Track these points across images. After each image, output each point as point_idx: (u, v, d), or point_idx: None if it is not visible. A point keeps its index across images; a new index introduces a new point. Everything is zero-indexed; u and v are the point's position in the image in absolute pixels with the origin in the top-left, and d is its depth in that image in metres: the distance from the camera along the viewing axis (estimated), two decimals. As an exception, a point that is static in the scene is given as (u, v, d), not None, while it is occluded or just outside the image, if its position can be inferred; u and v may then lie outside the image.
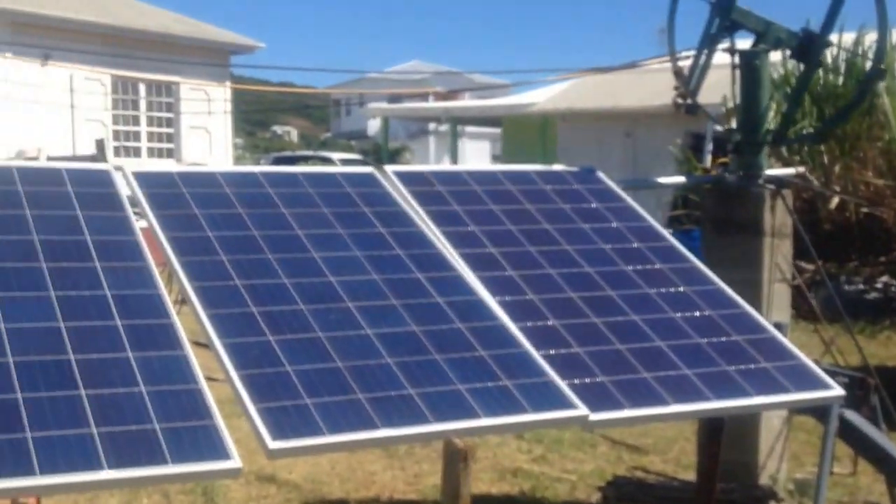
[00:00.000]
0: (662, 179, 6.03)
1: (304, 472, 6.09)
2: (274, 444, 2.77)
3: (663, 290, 3.83)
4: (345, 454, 6.13)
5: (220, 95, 23.40)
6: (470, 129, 32.71)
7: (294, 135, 60.26)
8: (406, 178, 4.17)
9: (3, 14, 18.53)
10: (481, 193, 4.20)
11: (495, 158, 32.91)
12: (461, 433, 3.21)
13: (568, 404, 3.14)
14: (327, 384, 3.00)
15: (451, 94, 29.35)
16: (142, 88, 22.11)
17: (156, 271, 3.35)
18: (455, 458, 4.17)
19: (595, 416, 3.13)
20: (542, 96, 23.81)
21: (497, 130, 28.35)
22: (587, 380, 3.27)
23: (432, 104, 28.87)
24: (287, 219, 3.76)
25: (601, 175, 4.57)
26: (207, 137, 23.25)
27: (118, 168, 3.89)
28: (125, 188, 3.77)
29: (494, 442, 6.59)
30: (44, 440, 2.62)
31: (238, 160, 28.25)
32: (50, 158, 13.52)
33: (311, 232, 3.71)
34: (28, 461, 2.55)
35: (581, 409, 3.13)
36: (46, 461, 2.56)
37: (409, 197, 4.04)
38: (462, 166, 4.67)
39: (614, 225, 4.20)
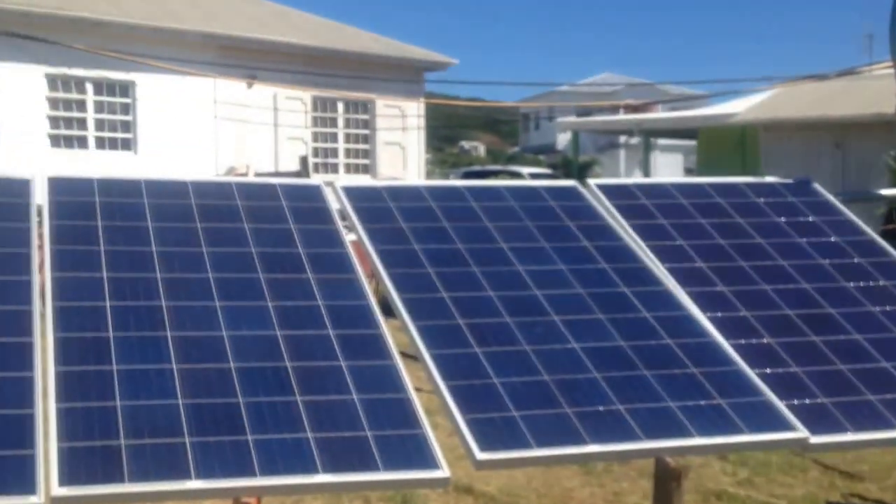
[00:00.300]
0: (884, 191, 5.75)
1: (500, 484, 6.10)
2: (482, 456, 2.78)
3: (888, 308, 3.64)
4: (541, 468, 6.10)
5: (414, 111, 23.89)
6: (662, 141, 32.17)
7: (481, 150, 60.86)
8: (610, 191, 4.13)
9: (212, 38, 19.51)
10: (688, 206, 4.11)
11: (688, 171, 32.23)
12: (673, 452, 3.13)
13: (786, 426, 3.02)
14: (534, 397, 3.00)
15: (642, 107, 28.97)
16: (340, 106, 22.81)
17: (365, 283, 3.43)
18: (667, 478, 4.08)
19: (816, 440, 3.00)
20: (740, 107, 23.18)
21: (690, 143, 27.76)
22: (806, 401, 3.14)
23: (624, 117, 28.55)
24: (491, 232, 3.78)
25: (817, 186, 4.38)
26: (401, 153, 23.76)
27: (328, 183, 4.02)
28: (335, 202, 3.88)
29: (696, 462, 6.43)
30: (263, 443, 2.72)
31: (428, 175, 28.73)
32: (258, 175, 14.11)
33: (514, 245, 3.72)
34: (249, 462, 2.65)
35: (801, 432, 3.00)
36: (266, 463, 2.66)
37: (614, 210, 4.00)
38: (668, 178, 4.56)
39: (833, 239, 4.03)
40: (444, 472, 2.73)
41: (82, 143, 18.01)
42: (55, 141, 17.55)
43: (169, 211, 3.59)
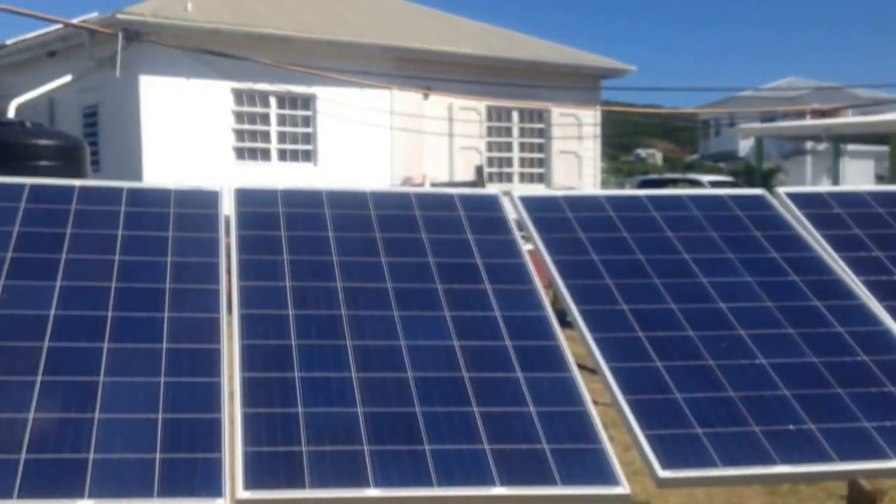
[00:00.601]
0: None
1: (679, 501, 5.94)
2: (664, 473, 2.70)
3: None
4: (723, 486, 5.90)
5: (590, 119, 23.69)
6: (851, 147, 30.83)
7: (658, 157, 59.80)
8: (800, 199, 3.95)
9: (389, 50, 19.88)
10: (885, 215, 3.89)
11: (880, 178, 30.76)
12: (868, 474, 2.96)
13: None
14: (719, 414, 2.89)
15: (831, 111, 27.82)
16: (514, 115, 22.85)
17: (543, 293, 3.39)
18: (861, 501, 3.87)
19: None
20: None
21: (882, 148, 26.49)
22: None
23: (811, 122, 27.50)
24: (673, 242, 3.68)
25: None
26: (577, 162, 23.60)
27: (505, 193, 4.00)
28: (512, 212, 3.85)
29: (889, 484, 6.09)
30: (440, 453, 2.71)
31: (603, 184, 28.43)
32: (434, 185, 14.28)
33: (698, 256, 3.61)
34: (426, 472, 2.65)
35: None
36: (442, 473, 2.65)
37: (804, 219, 3.82)
38: (861, 186, 4.33)
39: None
40: (623, 488, 2.66)
41: (265, 155, 18.65)
42: (240, 153, 18.23)
43: (349, 221, 3.65)
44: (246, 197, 3.69)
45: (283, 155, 18.98)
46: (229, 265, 3.31)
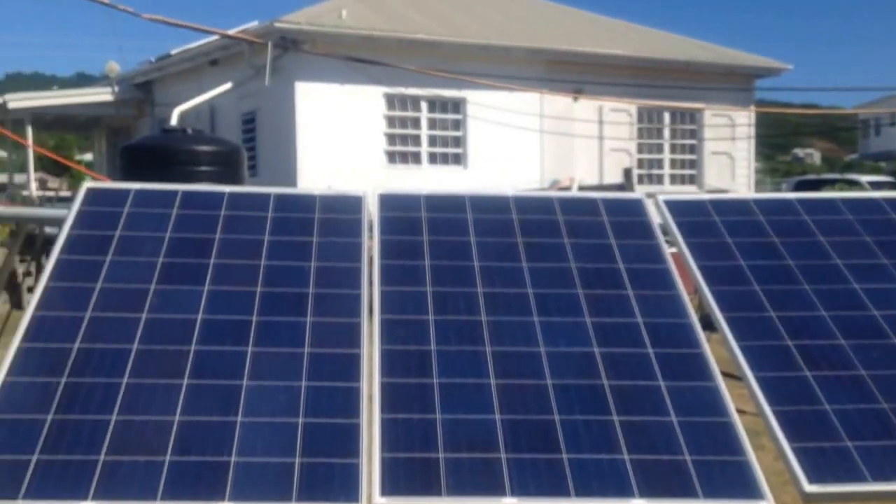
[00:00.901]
0: None
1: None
2: (810, 488, 2.59)
3: None
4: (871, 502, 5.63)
5: (744, 120, 23.07)
6: None
7: (816, 157, 57.71)
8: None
9: (538, 53, 19.83)
10: None
11: None
12: None
13: None
14: (871, 426, 2.75)
15: None
16: (666, 117, 22.46)
17: (687, 300, 3.30)
18: None
19: None
20: None
21: None
22: None
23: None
24: (824, 247, 3.53)
25: None
26: (730, 163, 23.02)
27: (650, 195, 3.92)
28: (656, 216, 3.77)
29: None
30: (578, 462, 2.67)
31: (757, 185, 27.63)
32: (582, 188, 14.16)
33: (851, 262, 3.45)
34: (564, 482, 2.61)
35: None
36: (581, 483, 2.61)
37: (968, 223, 3.61)
38: None
39: None
40: (768, 502, 2.56)
41: (416, 158, 18.87)
42: (391, 157, 18.51)
43: (491, 226, 3.64)
44: (389, 202, 3.72)
45: (433, 158, 19.16)
46: (371, 270, 3.35)
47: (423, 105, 18.89)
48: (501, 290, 3.32)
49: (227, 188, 3.74)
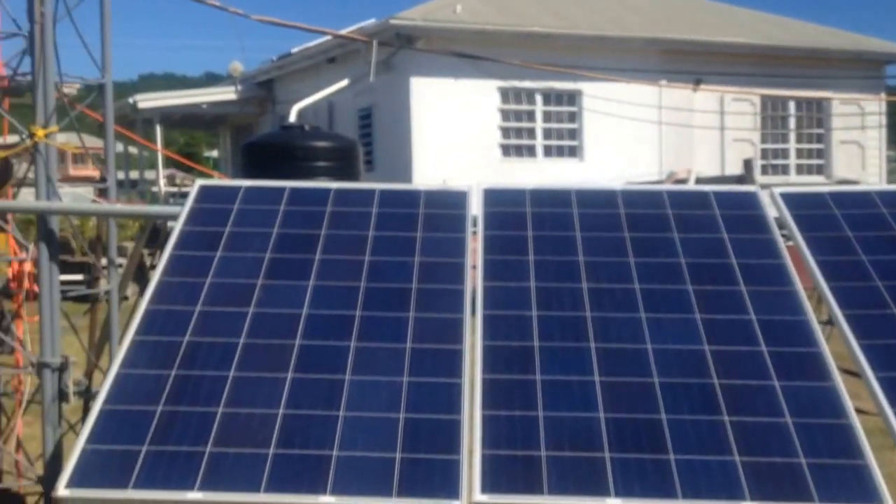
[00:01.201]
0: None
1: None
2: (936, 496, 2.46)
3: None
4: None
5: (874, 108, 22.24)
6: None
7: (957, 146, 55.28)
8: None
9: (656, 43, 19.47)
10: None
11: None
12: None
13: None
14: None
15: None
16: (791, 105, 21.82)
17: (804, 296, 3.18)
18: None
19: None
20: None
21: None
22: None
23: None
24: (953, 241, 3.35)
25: None
26: (860, 152, 22.24)
27: (765, 186, 3.79)
28: (772, 210, 3.64)
29: None
30: (686, 463, 2.59)
31: (890, 175, 26.60)
32: (699, 180, 13.88)
33: (982, 256, 3.27)
34: (671, 484, 2.54)
35: None
36: (689, 485, 2.53)
37: None
38: None
39: None
40: (887, 509, 2.44)
41: (531, 151, 18.74)
42: (505, 151, 18.41)
43: (597, 220, 3.57)
44: (494, 197, 3.68)
45: (548, 151, 19.01)
46: (475, 265, 3.32)
47: (538, 98, 18.75)
48: (608, 286, 3.25)
49: (334, 184, 3.76)
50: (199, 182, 3.71)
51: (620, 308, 3.15)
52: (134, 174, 24.42)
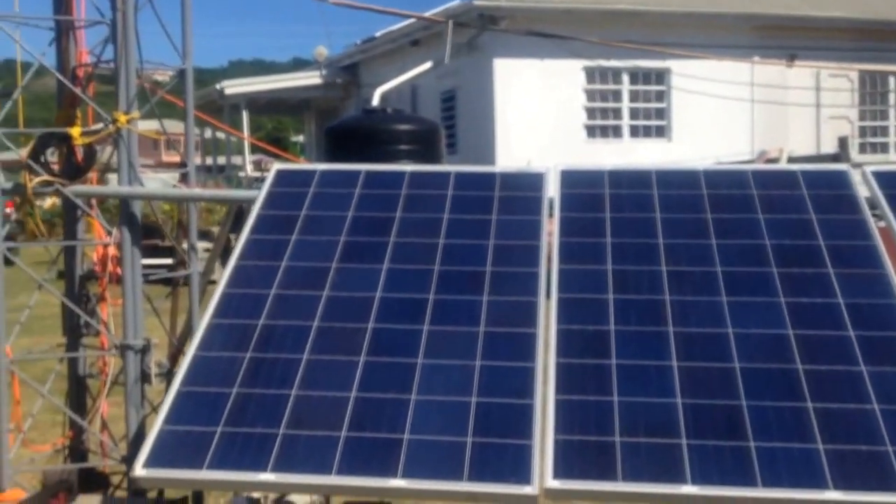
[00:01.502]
0: None
1: None
2: None
3: None
4: None
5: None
6: None
7: None
8: None
9: (750, 19, 19.04)
10: None
11: None
12: None
13: None
14: None
15: None
16: (891, 81, 21.14)
17: (894, 279, 3.06)
18: None
19: None
20: None
21: None
22: None
23: None
24: None
25: None
26: (962, 128, 21.46)
27: (858, 165, 3.65)
28: (864, 189, 3.51)
29: None
30: (766, 451, 2.52)
31: None
32: (791, 160, 13.54)
33: None
34: (751, 471, 2.47)
35: None
36: (769, 473, 2.46)
37: None
38: None
39: None
40: (981, 501, 2.34)
41: (617, 132, 18.52)
42: (591, 131, 18.23)
43: (678, 201, 3.48)
44: (571, 178, 3.62)
45: (635, 131, 18.77)
46: (550, 248, 3.27)
47: (625, 77, 18.50)
48: (688, 269, 3.17)
49: (409, 167, 3.74)
50: (276, 166, 3.72)
51: (701, 291, 3.07)
52: (221, 160, 24.82)
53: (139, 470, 2.52)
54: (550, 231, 3.34)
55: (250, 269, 3.21)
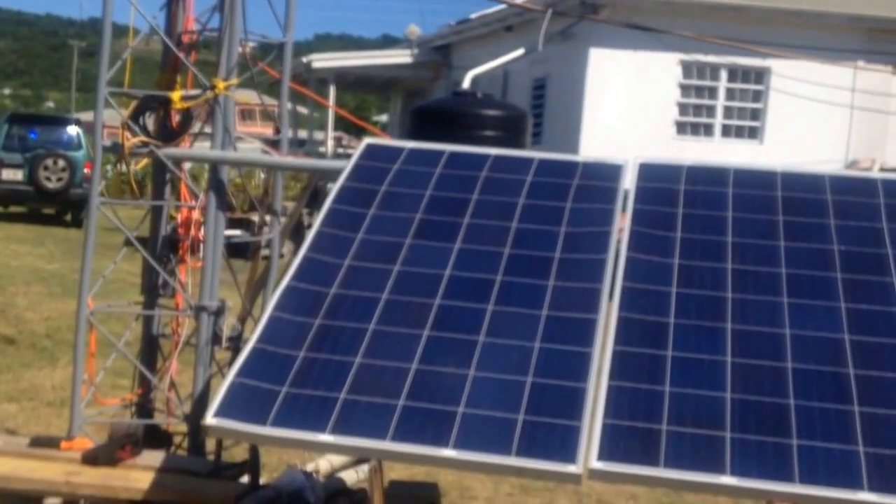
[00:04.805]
0: None
1: None
2: None
3: None
4: None
5: None
6: None
7: None
8: None
9: (859, 21, 18.56)
10: None
11: None
12: None
13: None
14: None
15: None
16: None
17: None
18: None
19: None
20: None
21: None
22: None
23: None
24: None
25: None
26: None
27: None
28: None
29: None
30: (807, 449, 2.59)
31: None
32: (883, 169, 13.27)
33: None
34: (789, 467, 2.54)
35: None
36: (807, 471, 2.53)
37: None
38: None
39: None
40: None
41: (708, 130, 18.26)
42: (681, 128, 18.01)
43: (752, 201, 3.54)
44: (649, 172, 3.70)
45: (726, 131, 18.49)
46: (620, 239, 3.35)
47: (723, 74, 18.24)
48: (753, 268, 3.23)
49: (494, 150, 3.84)
50: (367, 140, 3.86)
51: (763, 291, 3.13)
52: (303, 134, 24.99)
53: (210, 419, 2.68)
54: (621, 227, 3.41)
55: (330, 237, 3.35)
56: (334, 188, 3.60)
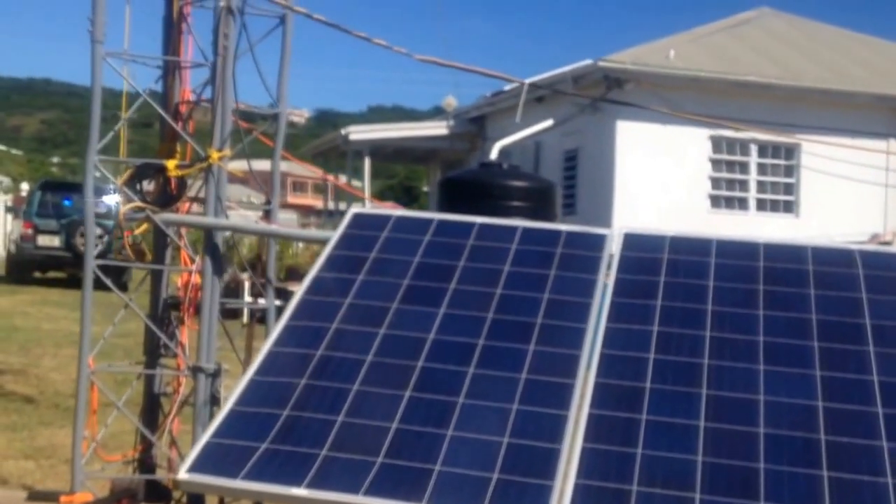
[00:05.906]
0: None
1: None
2: None
3: None
4: None
5: None
6: None
7: None
8: None
9: (887, 100, 18.61)
10: None
11: None
12: None
13: None
14: None
15: None
16: None
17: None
18: None
19: None
20: None
21: None
22: None
23: None
24: None
25: None
26: None
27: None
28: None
29: None
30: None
31: None
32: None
33: None
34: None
35: None
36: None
37: None
38: None
39: None
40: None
41: (742, 204, 18.30)
42: (715, 202, 18.07)
43: (733, 271, 3.63)
44: (633, 241, 3.81)
45: (761, 205, 18.52)
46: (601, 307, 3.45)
47: (753, 149, 18.35)
48: (731, 336, 3.31)
49: (479, 219, 3.97)
50: (353, 210, 4.01)
51: (739, 358, 3.22)
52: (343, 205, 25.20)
53: (182, 474, 2.79)
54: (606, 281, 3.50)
55: (314, 304, 3.48)
56: (321, 256, 3.73)
